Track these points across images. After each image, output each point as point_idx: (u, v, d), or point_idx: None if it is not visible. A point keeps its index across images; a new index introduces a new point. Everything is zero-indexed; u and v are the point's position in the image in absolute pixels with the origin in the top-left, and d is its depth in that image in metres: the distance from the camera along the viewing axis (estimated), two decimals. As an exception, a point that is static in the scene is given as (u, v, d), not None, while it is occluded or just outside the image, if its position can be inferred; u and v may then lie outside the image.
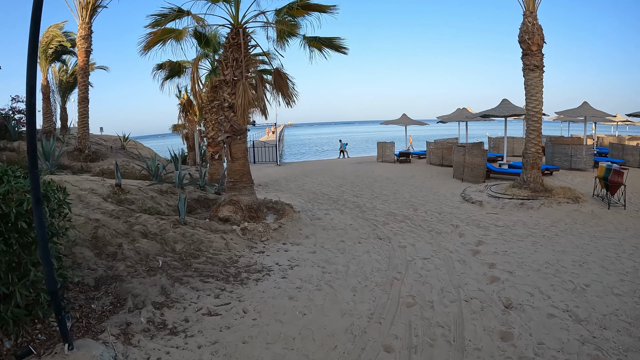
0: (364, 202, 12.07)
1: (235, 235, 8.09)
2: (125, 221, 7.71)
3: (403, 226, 9.17)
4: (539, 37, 12.08)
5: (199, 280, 5.84)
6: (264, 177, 19.69)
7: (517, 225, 9.27)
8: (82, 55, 16.23)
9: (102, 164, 17.16)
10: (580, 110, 21.84)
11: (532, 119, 12.27)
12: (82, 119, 17.09)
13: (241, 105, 8.73)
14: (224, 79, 9.37)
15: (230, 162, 9.56)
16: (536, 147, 12.33)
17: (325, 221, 9.74)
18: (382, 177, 18.06)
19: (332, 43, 9.71)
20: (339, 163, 26.24)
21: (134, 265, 6.08)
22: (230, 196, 9.55)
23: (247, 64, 9.42)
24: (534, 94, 12.15)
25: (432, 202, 11.96)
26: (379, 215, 10.34)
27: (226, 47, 9.47)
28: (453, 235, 8.42)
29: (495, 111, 17.37)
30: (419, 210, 10.76)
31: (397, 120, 26.93)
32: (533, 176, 12.30)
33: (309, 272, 6.31)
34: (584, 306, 5.01)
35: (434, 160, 22.04)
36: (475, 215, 10.09)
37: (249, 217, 9.28)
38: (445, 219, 9.73)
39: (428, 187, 14.71)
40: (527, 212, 10.44)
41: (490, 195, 11.99)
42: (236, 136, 9.39)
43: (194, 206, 10.59)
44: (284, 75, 9.85)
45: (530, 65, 12.12)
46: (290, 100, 10.04)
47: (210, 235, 7.77)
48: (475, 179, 15.46)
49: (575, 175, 16.46)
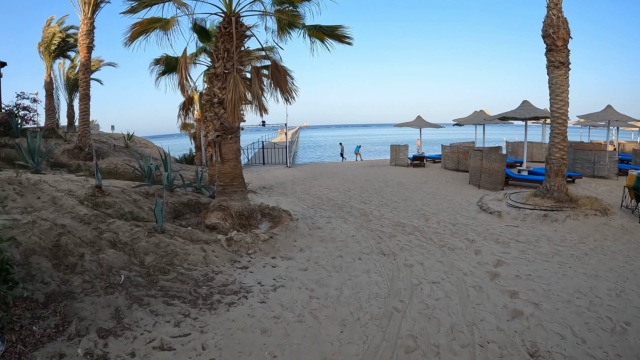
0: (371, 210, 11.05)
1: (219, 247, 7.17)
2: (95, 227, 6.88)
3: (412, 239, 8.12)
4: (564, 31, 10.97)
5: (161, 302, 4.95)
6: (271, 179, 18.83)
7: (540, 241, 8.17)
8: (84, 51, 15.93)
9: (102, 163, 16.68)
10: (604, 114, 20.73)
11: (557, 121, 11.12)
12: (82, 116, 16.72)
13: (231, 100, 7.83)
14: (214, 72, 8.47)
15: (220, 164, 8.65)
16: (561, 153, 11.18)
17: (325, 231, 8.76)
18: (393, 181, 17.00)
19: (335, 33, 8.73)
20: (351, 166, 25.22)
21: (92, 280, 5.23)
22: (220, 201, 8.65)
23: (240, 56, 8.52)
24: (559, 94, 11.01)
25: (445, 211, 10.88)
26: (386, 225, 9.32)
27: (217, 37, 8.57)
28: (468, 252, 7.35)
29: (515, 113, 16.17)
30: (430, 221, 9.70)
31: (411, 123, 25.84)
32: (557, 184, 11.15)
33: (294, 296, 5.34)
34: (627, 355, 3.95)
35: (449, 164, 20.92)
36: (493, 228, 9.00)
37: (239, 224, 8.37)
38: (460, 232, 8.66)
39: (442, 194, 13.62)
40: (551, 226, 9.32)
41: (509, 205, 10.88)
42: (227, 135, 8.48)
43: (182, 211, 9.73)
44: (282, 69, 8.93)
45: (555, 62, 11.00)
46: (289, 96, 9.11)
47: (188, 246, 6.87)
48: (493, 185, 14.34)
49: (599, 184, 15.35)
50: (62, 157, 16.66)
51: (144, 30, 8.79)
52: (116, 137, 24.99)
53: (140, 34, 8.87)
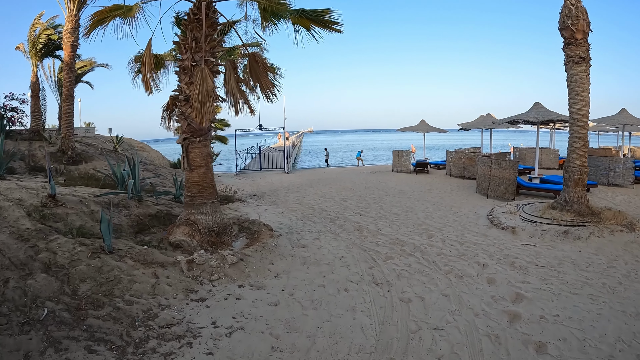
0: (367, 224, 9.75)
1: (176, 271, 5.94)
2: (32, 246, 5.76)
3: (411, 262, 6.81)
4: (584, 23, 9.72)
5: (83, 348, 3.82)
6: (264, 186, 17.64)
7: (564, 264, 6.87)
8: (68, 49, 15.09)
9: (85, 167, 15.65)
10: (618, 117, 19.55)
11: (577, 124, 9.83)
12: (66, 118, 15.75)
13: (198, 97, 6.59)
14: (181, 65, 7.25)
15: (188, 172, 7.41)
16: (582, 160, 9.89)
17: (311, 250, 7.48)
18: (395, 190, 15.70)
19: (321, 18, 7.44)
20: (351, 172, 23.93)
21: (10, 313, 4.11)
22: (187, 215, 7.40)
23: (211, 47, 7.29)
24: (579, 93, 9.73)
25: (451, 225, 9.56)
26: (382, 243, 8.01)
27: (185, 25, 7.36)
28: (479, 280, 6.04)
29: (526, 116, 14.85)
30: (434, 238, 8.38)
31: (415, 127, 24.56)
32: (577, 195, 9.84)
33: (252, 346, 4.07)
34: None
35: (455, 171, 19.59)
36: (507, 248, 7.68)
37: (208, 242, 7.13)
38: (469, 253, 7.34)
39: (447, 205, 12.30)
40: (573, 245, 8.01)
41: (524, 219, 9.56)
42: (195, 138, 7.24)
43: (148, 224, 8.49)
44: (262, 61, 7.72)
45: (575, 57, 9.73)
46: (270, 93, 7.88)
47: (137, 271, 5.64)
48: (503, 195, 13.02)
49: (615, 192, 14.12)
50: (45, 161, 15.75)
51: (103, 19, 7.65)
52: (112, 141, 24.07)
53: (100, 22, 7.74)
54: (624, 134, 21.10)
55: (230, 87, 7.47)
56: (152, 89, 7.78)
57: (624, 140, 21.38)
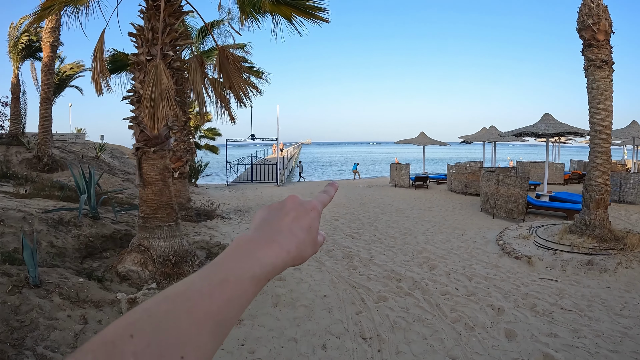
0: (358, 250, 8.44)
1: (114, 314, 4.70)
2: None
3: (409, 305, 5.47)
4: (606, 22, 8.65)
5: None
6: (253, 200, 16.41)
7: (593, 307, 5.62)
8: (47, 49, 14.42)
9: (60, 175, 14.62)
10: (629, 130, 18.66)
11: (600, 136, 8.65)
12: (43, 122, 14.81)
13: (150, 97, 5.36)
14: (136, 60, 6.03)
15: (141, 188, 6.13)
16: (604, 177, 8.71)
17: (288, 285, 6.17)
18: (392, 207, 14.43)
19: (305, 3, 6.14)
20: (347, 186, 22.68)
21: None
22: (139, 240, 6.12)
23: (172, 39, 6.08)
24: (601, 101, 8.58)
25: (456, 252, 8.26)
26: (375, 277, 6.69)
27: (142, 12, 6.16)
28: (495, 333, 4.73)
29: (536, 128, 13.65)
30: (437, 270, 7.05)
31: (414, 140, 23.46)
32: (599, 218, 8.65)
33: None
34: None
35: (456, 187, 18.38)
36: (525, 284, 6.40)
37: (162, 273, 5.85)
38: (479, 291, 6.02)
39: (450, 225, 11.01)
40: (600, 278, 6.78)
41: (540, 245, 8.30)
42: (149, 148, 5.98)
43: (100, 247, 7.18)
44: (233, 57, 6.49)
45: (597, 60, 8.61)
46: (244, 94, 6.66)
47: (61, 313, 4.40)
48: (512, 215, 11.79)
49: (629, 211, 13.08)
50: (20, 167, 14.74)
51: (49, 6, 6.48)
52: (105, 148, 22.96)
53: (47, 12, 6.58)
54: (634, 148, 20.01)
55: (195, 87, 6.25)
56: (102, 89, 6.53)
57: (635, 155, 20.30)
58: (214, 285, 0.41)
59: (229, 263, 0.45)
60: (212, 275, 0.43)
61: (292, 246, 0.51)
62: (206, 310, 0.39)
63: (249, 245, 0.49)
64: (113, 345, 0.34)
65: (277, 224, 0.53)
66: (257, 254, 0.47)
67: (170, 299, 0.39)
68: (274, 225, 0.53)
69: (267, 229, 0.52)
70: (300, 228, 0.53)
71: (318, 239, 0.57)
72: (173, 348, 0.35)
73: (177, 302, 0.38)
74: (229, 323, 0.41)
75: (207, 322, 0.38)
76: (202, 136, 25.67)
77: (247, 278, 0.44)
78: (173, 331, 0.36)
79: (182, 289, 0.40)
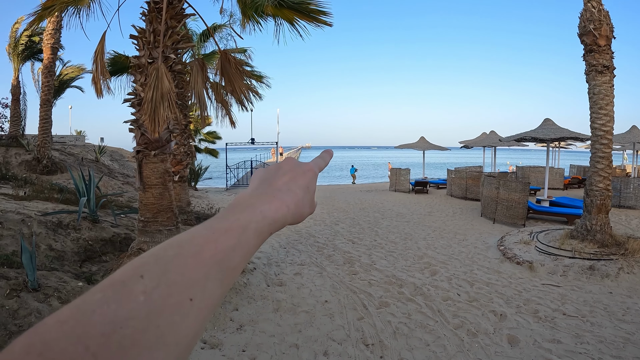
0: (359, 255, 8.40)
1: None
2: None
3: (411, 311, 5.44)
4: (607, 27, 8.67)
5: None
6: (251, 205, 16.29)
7: (596, 312, 5.59)
8: (48, 51, 14.45)
9: (59, 177, 14.68)
10: (629, 135, 18.66)
11: (601, 142, 8.64)
12: (42, 124, 14.85)
13: (151, 100, 5.34)
14: (137, 62, 6.01)
15: (141, 192, 6.10)
16: (605, 182, 8.68)
17: (288, 291, 6.13)
18: (392, 212, 14.39)
19: (308, 7, 6.11)
20: (346, 190, 22.66)
21: None
22: (139, 244, 6.09)
23: (173, 41, 6.07)
24: (603, 106, 8.57)
25: (457, 257, 8.23)
26: (376, 282, 6.65)
27: (144, 15, 6.15)
28: (498, 339, 4.69)
29: (536, 133, 13.63)
30: (438, 276, 7.02)
31: (414, 144, 23.41)
32: (600, 223, 8.62)
33: None
34: None
35: (456, 191, 18.33)
36: (527, 290, 6.36)
37: (162, 280, 5.79)
38: (481, 297, 5.99)
39: (451, 230, 10.98)
40: (602, 284, 6.75)
41: (541, 251, 8.27)
42: (149, 151, 5.95)
43: (99, 251, 7.15)
44: (235, 61, 6.48)
45: (598, 65, 8.61)
46: (245, 98, 6.65)
47: None
48: (512, 220, 11.74)
49: (629, 215, 13.04)
50: (19, 169, 14.77)
51: (49, 6, 6.47)
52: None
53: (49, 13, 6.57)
54: (635, 153, 20.03)
55: (196, 90, 6.23)
56: (102, 91, 6.51)
57: (635, 160, 20.33)
58: (219, 234, 0.42)
59: (231, 215, 0.46)
60: (216, 224, 0.43)
61: (292, 203, 0.52)
62: (212, 255, 0.39)
63: (251, 199, 0.49)
64: (123, 284, 0.34)
65: (275, 183, 0.54)
66: (260, 207, 0.48)
67: (177, 245, 0.39)
68: (272, 184, 0.54)
69: (267, 187, 0.54)
70: (298, 186, 0.55)
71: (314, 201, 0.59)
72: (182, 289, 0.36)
73: (184, 247, 0.39)
74: (235, 271, 0.42)
75: (213, 267, 0.39)
76: (203, 139, 25.66)
77: (250, 229, 0.44)
78: (181, 274, 0.37)
79: (188, 237, 0.41)
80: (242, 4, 7.00)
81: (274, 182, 0.54)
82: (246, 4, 6.90)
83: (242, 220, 0.45)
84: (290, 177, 0.55)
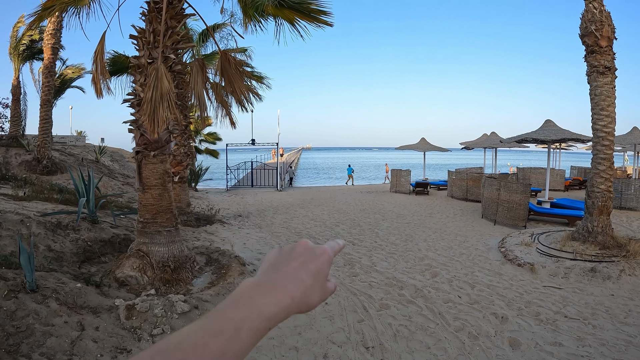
0: (359, 256, 8.37)
1: (111, 320, 4.60)
2: None
3: (412, 314, 5.40)
4: (609, 28, 8.64)
5: None
6: (253, 205, 16.31)
7: (598, 314, 5.56)
8: (48, 52, 14.41)
9: (59, 178, 14.59)
10: (630, 137, 18.67)
11: (602, 143, 8.61)
12: (43, 125, 14.83)
13: (151, 100, 5.31)
14: (137, 63, 5.98)
15: (140, 192, 6.07)
16: (607, 184, 8.63)
17: (288, 291, 6.09)
18: (392, 213, 14.36)
19: (309, 7, 6.07)
20: (346, 191, 22.63)
21: None
22: (138, 245, 6.05)
23: (173, 41, 6.04)
24: (604, 107, 8.54)
25: (458, 259, 8.19)
26: (377, 284, 6.61)
27: (144, 15, 6.12)
28: (499, 342, 4.65)
29: (537, 134, 13.60)
30: (439, 278, 6.98)
31: (414, 145, 23.37)
32: (602, 225, 8.57)
33: None
34: None
35: (457, 193, 18.31)
36: (528, 292, 6.32)
37: (161, 279, 5.78)
38: (482, 299, 5.95)
39: (451, 232, 10.94)
40: (604, 286, 6.71)
41: (542, 253, 8.23)
42: (149, 152, 5.92)
43: (98, 251, 7.12)
44: (235, 61, 6.45)
45: (600, 66, 8.58)
46: (245, 98, 6.62)
47: (57, 319, 4.32)
48: (513, 221, 11.71)
49: (630, 217, 13.05)
50: (19, 169, 14.75)
51: (50, 6, 6.45)
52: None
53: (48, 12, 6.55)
54: (636, 154, 20.02)
55: (196, 90, 6.20)
56: (102, 91, 6.48)
57: (636, 161, 20.32)
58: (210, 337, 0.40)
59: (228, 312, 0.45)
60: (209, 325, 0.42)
61: (297, 292, 0.50)
62: None
63: (252, 291, 0.48)
64: None
65: (284, 269, 0.52)
66: (258, 301, 0.46)
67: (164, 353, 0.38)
68: (280, 270, 0.52)
69: (274, 273, 0.52)
70: (307, 273, 0.53)
71: (328, 286, 0.56)
72: None
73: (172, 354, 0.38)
74: None
75: None
76: (203, 140, 25.63)
77: (244, 329, 0.43)
78: None
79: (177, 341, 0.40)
80: (243, 3, 6.97)
81: (282, 268, 0.52)
82: (247, 3, 6.87)
83: (236, 320, 0.43)
84: (301, 262, 0.53)
